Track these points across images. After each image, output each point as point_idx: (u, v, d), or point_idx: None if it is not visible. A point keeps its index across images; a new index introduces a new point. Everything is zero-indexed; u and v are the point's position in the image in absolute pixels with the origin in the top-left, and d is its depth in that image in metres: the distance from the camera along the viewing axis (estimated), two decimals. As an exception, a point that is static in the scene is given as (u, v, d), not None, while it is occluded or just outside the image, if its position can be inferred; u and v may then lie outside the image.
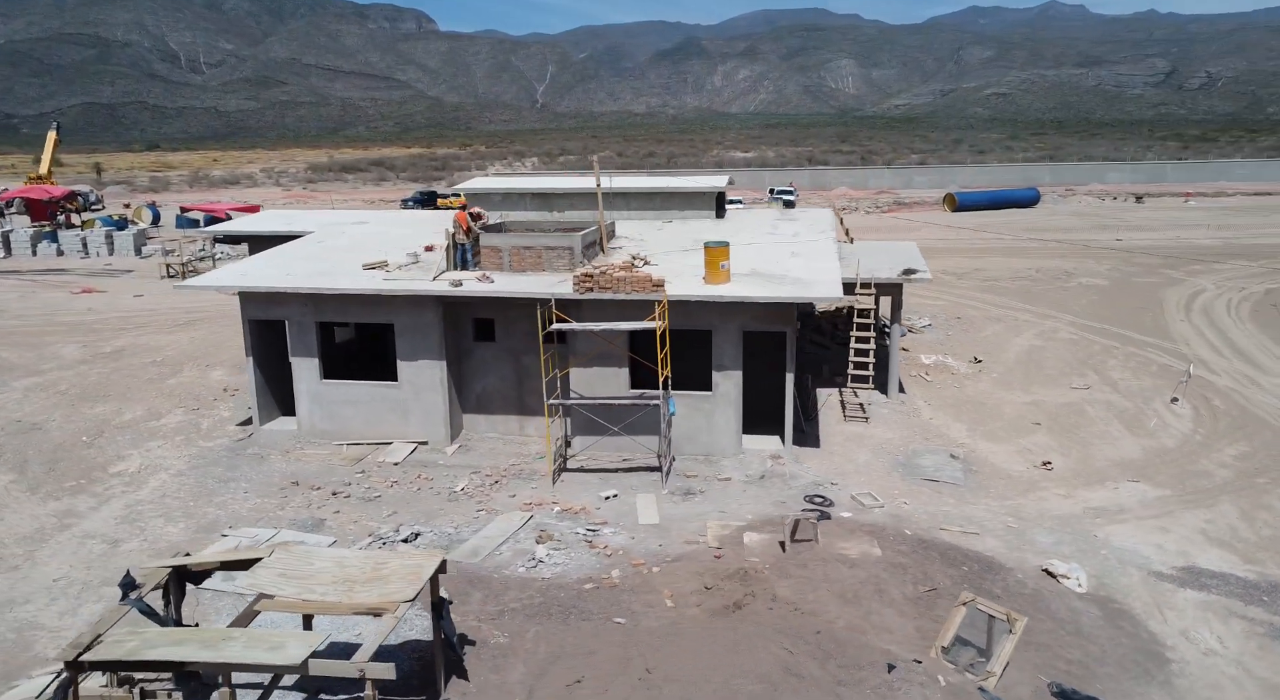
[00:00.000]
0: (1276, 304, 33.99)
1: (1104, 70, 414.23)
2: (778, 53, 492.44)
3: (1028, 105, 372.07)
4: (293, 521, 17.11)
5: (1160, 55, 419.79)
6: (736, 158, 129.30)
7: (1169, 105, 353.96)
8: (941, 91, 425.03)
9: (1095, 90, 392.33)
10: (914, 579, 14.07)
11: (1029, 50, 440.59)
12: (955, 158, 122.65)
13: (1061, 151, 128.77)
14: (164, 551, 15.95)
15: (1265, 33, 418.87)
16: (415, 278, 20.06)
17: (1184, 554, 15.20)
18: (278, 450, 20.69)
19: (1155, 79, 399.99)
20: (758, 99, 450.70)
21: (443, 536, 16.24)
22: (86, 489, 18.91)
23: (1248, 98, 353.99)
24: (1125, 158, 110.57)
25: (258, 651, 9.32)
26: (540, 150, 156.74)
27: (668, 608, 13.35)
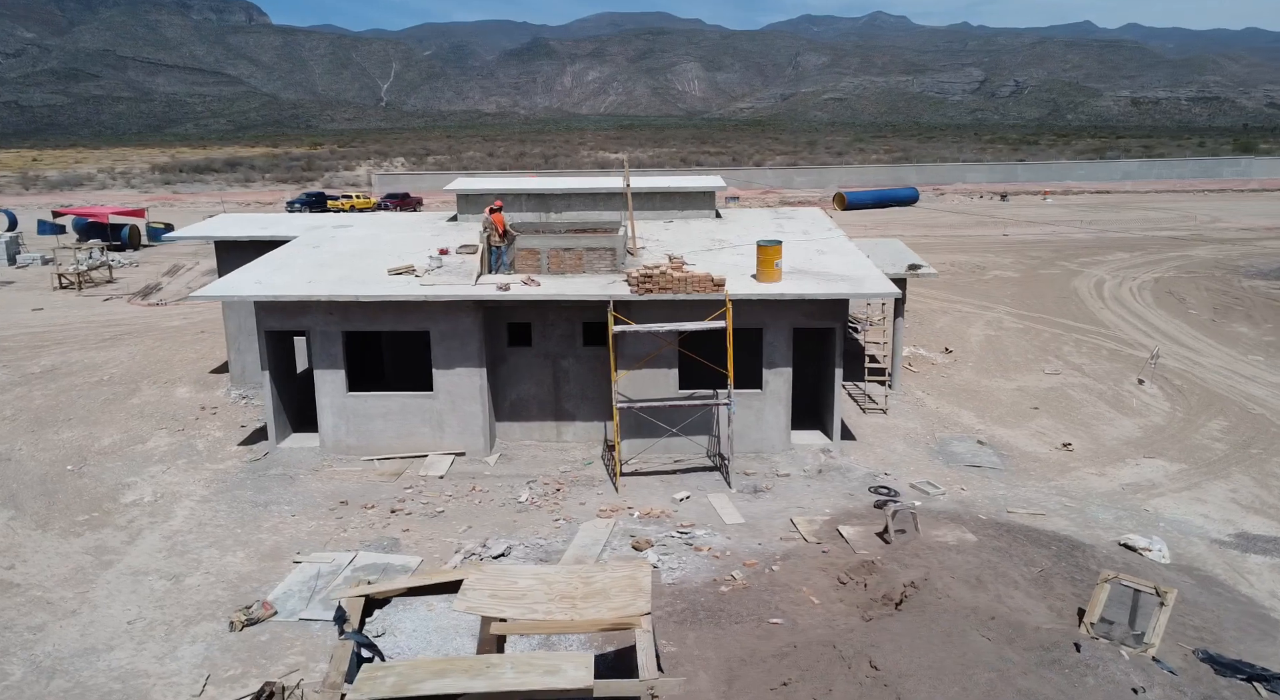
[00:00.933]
0: (1173, 291, 37.51)
1: (927, 77, 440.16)
2: (625, 55, 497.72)
3: (862, 109, 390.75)
4: (363, 543, 16.23)
5: (974, 65, 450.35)
6: (612, 159, 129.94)
7: (985, 111, 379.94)
8: (783, 95, 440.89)
9: (920, 96, 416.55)
10: (1019, 561, 14.87)
11: (860, 58, 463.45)
12: (820, 159, 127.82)
13: (913, 153, 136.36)
14: (237, 583, 14.87)
15: (1061, 46, 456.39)
16: (453, 282, 19.36)
17: (1230, 522, 16.74)
18: (304, 469, 19.51)
19: (971, 86, 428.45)
20: (608, 100, 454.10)
21: (535, 548, 15.84)
22: (106, 522, 17.26)
23: (1050, 105, 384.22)
24: (966, 158, 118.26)
25: (535, 676, 8.91)
26: (404, 150, 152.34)
27: (815, 604, 13.59)
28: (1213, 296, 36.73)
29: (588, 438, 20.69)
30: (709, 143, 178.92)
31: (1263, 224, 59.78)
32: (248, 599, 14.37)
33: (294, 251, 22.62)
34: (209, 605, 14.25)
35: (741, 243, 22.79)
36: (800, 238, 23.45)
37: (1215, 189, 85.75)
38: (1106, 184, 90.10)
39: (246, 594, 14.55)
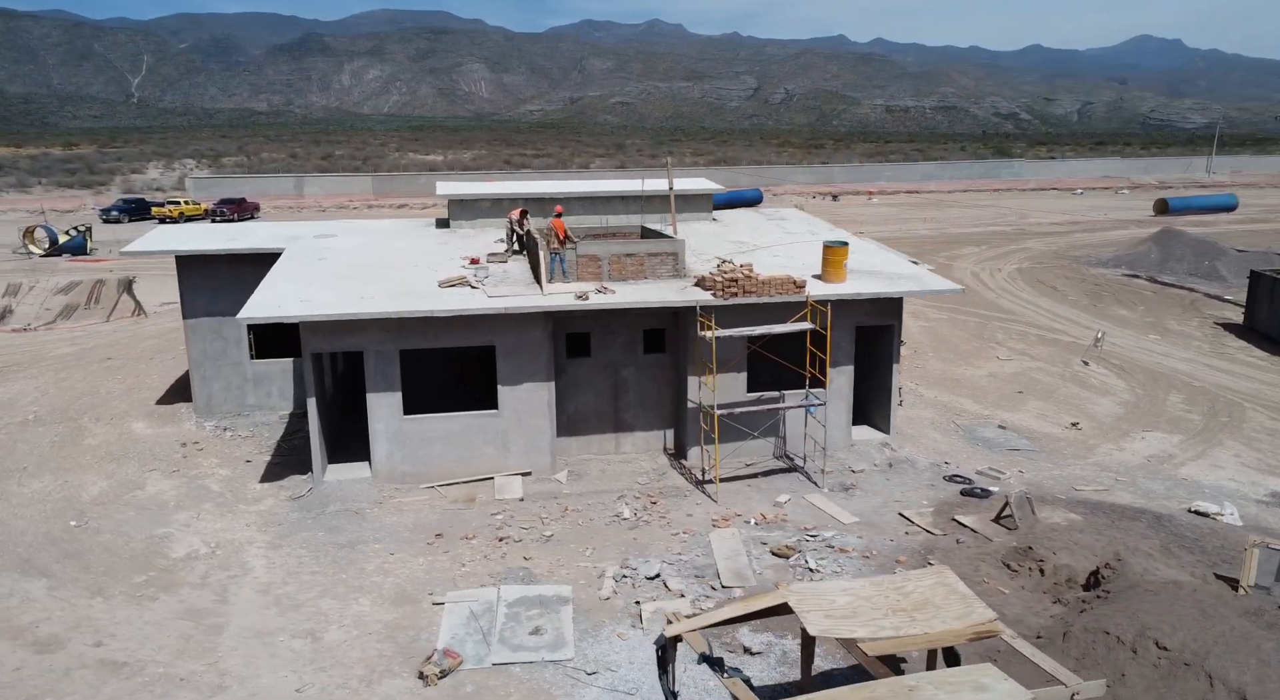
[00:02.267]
0: (1042, 280, 41.65)
1: (706, 84, 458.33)
2: (407, 54, 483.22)
3: (648, 113, 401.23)
4: (495, 576, 15.16)
5: (748, 73, 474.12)
6: (435, 161, 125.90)
7: (760, 116, 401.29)
8: (570, 98, 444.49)
9: (701, 101, 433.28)
10: (1133, 535, 16.21)
11: (643, 63, 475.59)
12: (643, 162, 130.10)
13: (732, 156, 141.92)
14: (388, 633, 13.55)
15: (822, 58, 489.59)
16: (520, 293, 18.41)
17: (1256, 483, 19.03)
18: (364, 502, 17.89)
19: (746, 93, 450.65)
20: (391, 100, 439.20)
21: (684, 565, 15.44)
22: (173, 581, 15.07)
23: (817, 111, 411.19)
24: (788, 161, 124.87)
25: (967, 694, 8.71)
26: (189, 151, 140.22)
27: (1005, 594, 14.18)
28: (1075, 284, 41.10)
29: (647, 448, 20.32)
30: (516, 145, 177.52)
31: (1065, 219, 67.40)
32: (416, 649, 13.10)
33: (298, 266, 20.61)
34: (377, 661, 12.86)
35: (760, 244, 23.16)
36: (811, 238, 24.11)
37: (1004, 188, 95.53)
38: (912, 184, 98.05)
39: (410, 644, 13.25)
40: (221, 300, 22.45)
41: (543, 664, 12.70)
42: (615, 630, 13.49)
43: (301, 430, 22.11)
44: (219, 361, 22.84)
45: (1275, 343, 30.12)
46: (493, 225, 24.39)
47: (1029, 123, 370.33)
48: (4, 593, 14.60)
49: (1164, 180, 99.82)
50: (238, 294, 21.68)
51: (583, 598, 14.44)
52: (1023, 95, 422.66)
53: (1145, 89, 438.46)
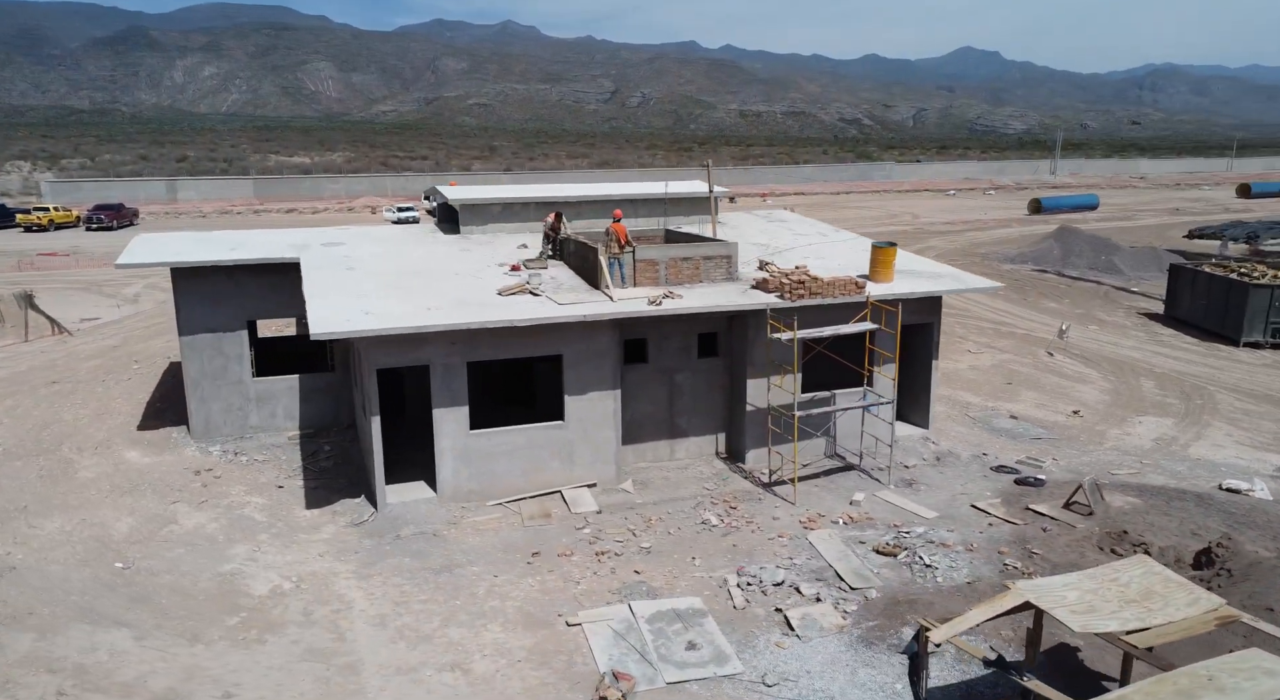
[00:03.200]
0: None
1: (564, 87, 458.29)
2: (246, 50, 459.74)
3: (507, 115, 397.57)
4: (616, 592, 14.73)
5: (604, 76, 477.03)
6: (304, 163, 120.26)
7: (618, 120, 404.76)
8: (425, 99, 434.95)
9: (559, 104, 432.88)
10: (1189, 514, 17.38)
11: (499, 64, 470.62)
12: (537, 165, 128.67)
13: (609, 159, 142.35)
14: (541, 659, 12.99)
15: (675, 63, 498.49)
16: (593, 299, 17.95)
17: (1260, 460, 20.75)
18: (436, 524, 17.00)
19: (604, 96, 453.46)
20: (230, 98, 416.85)
21: (800, 569, 15.43)
22: (270, 621, 13.87)
23: (673, 115, 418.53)
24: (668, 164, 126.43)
25: (1263, 681, 9.00)
26: (15, 152, 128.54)
27: (1112, 572, 14.90)
28: (995, 280, 43.54)
29: (700, 453, 20.21)
30: (381, 146, 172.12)
31: (953, 218, 71.42)
32: (577, 674, 12.57)
33: (334, 276, 19.34)
34: (543, 689, 12.27)
35: (779, 247, 23.44)
36: (821, 239, 24.57)
37: (881, 189, 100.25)
38: (797, 186, 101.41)
39: (568, 669, 12.70)
40: (221, 313, 20.87)
41: (716, 680, 12.44)
42: (770, 639, 13.36)
43: (323, 452, 20.80)
44: (218, 380, 21.16)
45: (1198, 329, 32.92)
46: (504, 230, 23.63)
47: (871, 127, 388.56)
48: (85, 647, 13.04)
49: (1019, 182, 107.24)
50: (238, 307, 20.28)
51: (716, 609, 14.23)
52: (864, 101, 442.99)
53: (971, 97, 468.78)
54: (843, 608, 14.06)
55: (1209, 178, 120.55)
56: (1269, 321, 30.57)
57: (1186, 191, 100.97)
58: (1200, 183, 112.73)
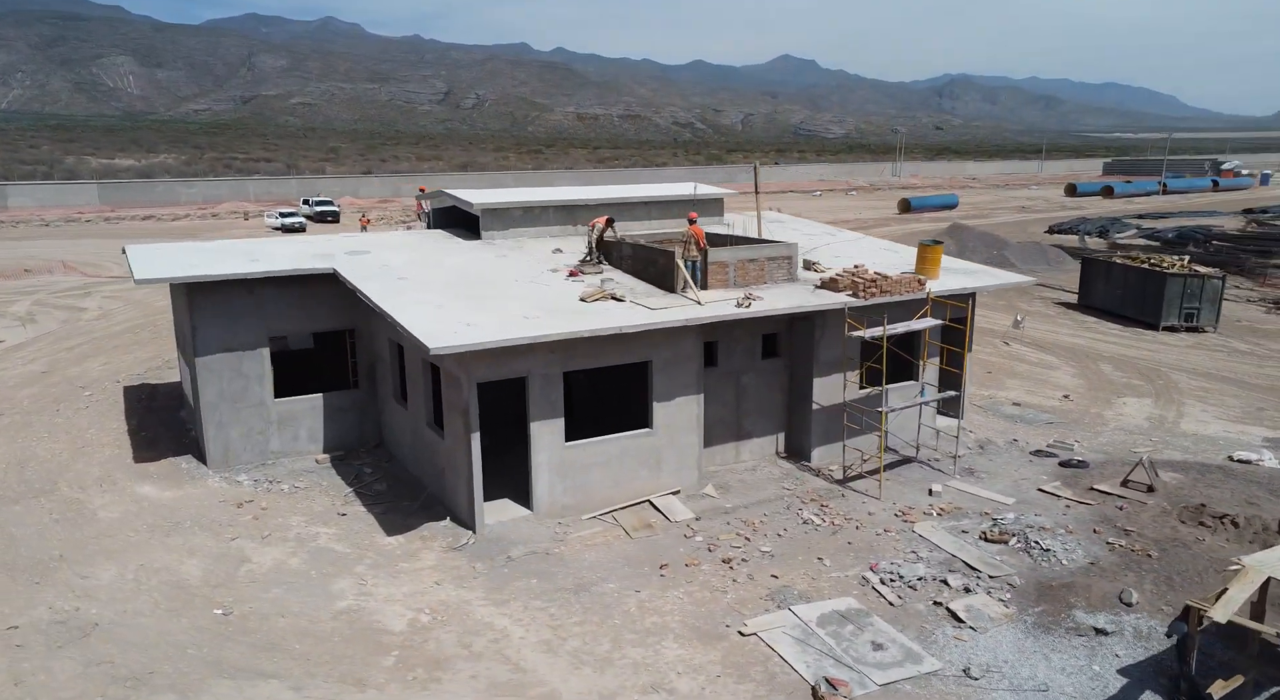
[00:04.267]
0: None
1: (394, 86, 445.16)
2: (29, 42, 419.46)
3: (334, 115, 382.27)
4: (764, 598, 14.57)
5: (436, 77, 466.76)
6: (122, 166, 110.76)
7: (453, 121, 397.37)
8: (242, 98, 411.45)
9: (390, 104, 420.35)
10: (1231, 484, 18.96)
11: (322, 62, 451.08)
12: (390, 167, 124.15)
13: (474, 162, 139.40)
14: (737, 672, 12.66)
15: (508, 64, 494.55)
16: (674, 304, 17.63)
17: (1245, 432, 22.90)
18: (543, 541, 16.27)
19: (437, 97, 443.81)
20: (12, 94, 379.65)
21: (930, 562, 15.73)
22: (436, 656, 12.88)
23: (509, 117, 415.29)
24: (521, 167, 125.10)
25: None
26: None
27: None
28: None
29: (761, 454, 20.25)
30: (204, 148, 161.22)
31: (833, 218, 74.41)
32: (783, 684, 12.39)
33: (396, 287, 18.10)
34: (762, 701, 12.02)
35: (805, 246, 23.83)
36: (830, 238, 25.13)
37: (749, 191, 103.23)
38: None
39: (771, 679, 12.49)
40: (241, 331, 19.13)
41: (923, 677, 12.55)
42: (946, 633, 13.60)
43: (365, 474, 19.44)
44: (238, 403, 19.35)
45: (1117, 316, 35.93)
46: (525, 235, 22.79)
47: (704, 131, 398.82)
48: (243, 704, 11.65)
49: (873, 183, 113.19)
50: (259, 323, 18.76)
51: (874, 607, 14.34)
52: (695, 106, 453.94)
53: (792, 103, 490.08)
54: (997, 597, 14.50)
55: (1029, 179, 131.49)
56: (1182, 307, 33.79)
57: (1017, 191, 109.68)
58: (1023, 183, 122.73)
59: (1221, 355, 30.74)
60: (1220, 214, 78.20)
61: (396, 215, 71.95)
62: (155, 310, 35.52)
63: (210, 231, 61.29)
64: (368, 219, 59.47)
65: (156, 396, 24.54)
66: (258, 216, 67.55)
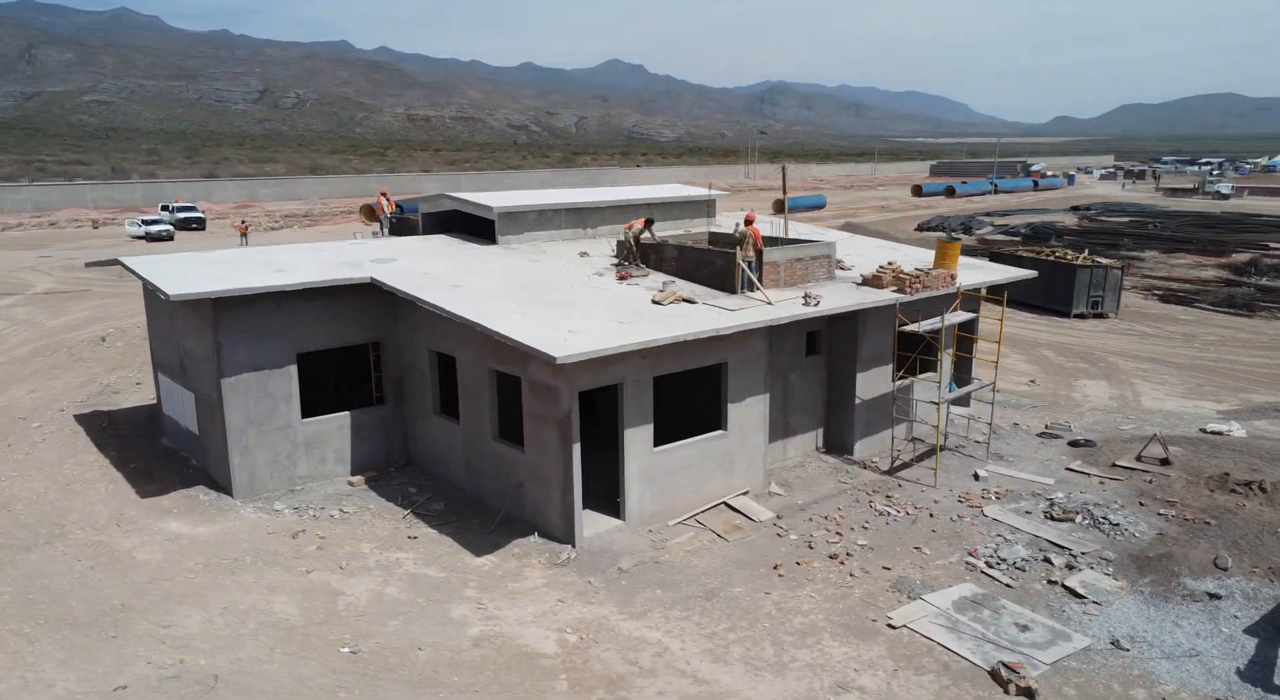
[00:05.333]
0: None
1: (203, 84, 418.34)
2: None
3: (135, 114, 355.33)
4: (890, 588, 14.84)
5: (250, 74, 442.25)
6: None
7: (272, 121, 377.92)
8: (24, 94, 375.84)
9: (200, 103, 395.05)
10: (1225, 454, 20.80)
11: (117, 57, 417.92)
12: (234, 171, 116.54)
13: (319, 164, 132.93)
14: (907, 666, 12.88)
15: (329, 63, 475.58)
16: (747, 305, 17.61)
17: (1199, 407, 25.19)
18: (644, 550, 15.89)
19: (253, 96, 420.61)
20: None
21: (1019, 541, 16.47)
22: (608, 682, 12.31)
23: (334, 118, 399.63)
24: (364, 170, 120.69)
25: None
26: None
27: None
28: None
29: (804, 450, 20.52)
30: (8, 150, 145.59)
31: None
32: (960, 672, 12.66)
33: (450, 295, 17.05)
34: (949, 692, 12.23)
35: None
36: (820, 236, 25.70)
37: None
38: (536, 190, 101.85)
39: (946, 670, 12.72)
40: (269, 349, 17.63)
41: (1083, 653, 13.09)
42: (1075, 609, 14.26)
43: (410, 494, 18.32)
44: (264, 426, 17.78)
45: (1027, 306, 38.65)
46: (539, 239, 22.08)
47: (539, 134, 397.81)
48: (448, 751, 10.74)
49: (734, 185, 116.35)
50: (286, 339, 17.47)
51: (996, 591, 14.83)
52: (528, 108, 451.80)
53: (624, 107, 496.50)
54: (1101, 571, 15.35)
55: (870, 180, 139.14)
56: (1089, 295, 36.80)
57: (866, 192, 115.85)
58: (867, 184, 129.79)
59: (1135, 339, 33.72)
60: (1052, 211, 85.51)
61: (264, 222, 67.68)
62: (49, 331, 31.97)
63: (59, 241, 55.68)
64: (246, 226, 55.70)
65: (120, 424, 22.09)
66: (109, 224, 61.82)
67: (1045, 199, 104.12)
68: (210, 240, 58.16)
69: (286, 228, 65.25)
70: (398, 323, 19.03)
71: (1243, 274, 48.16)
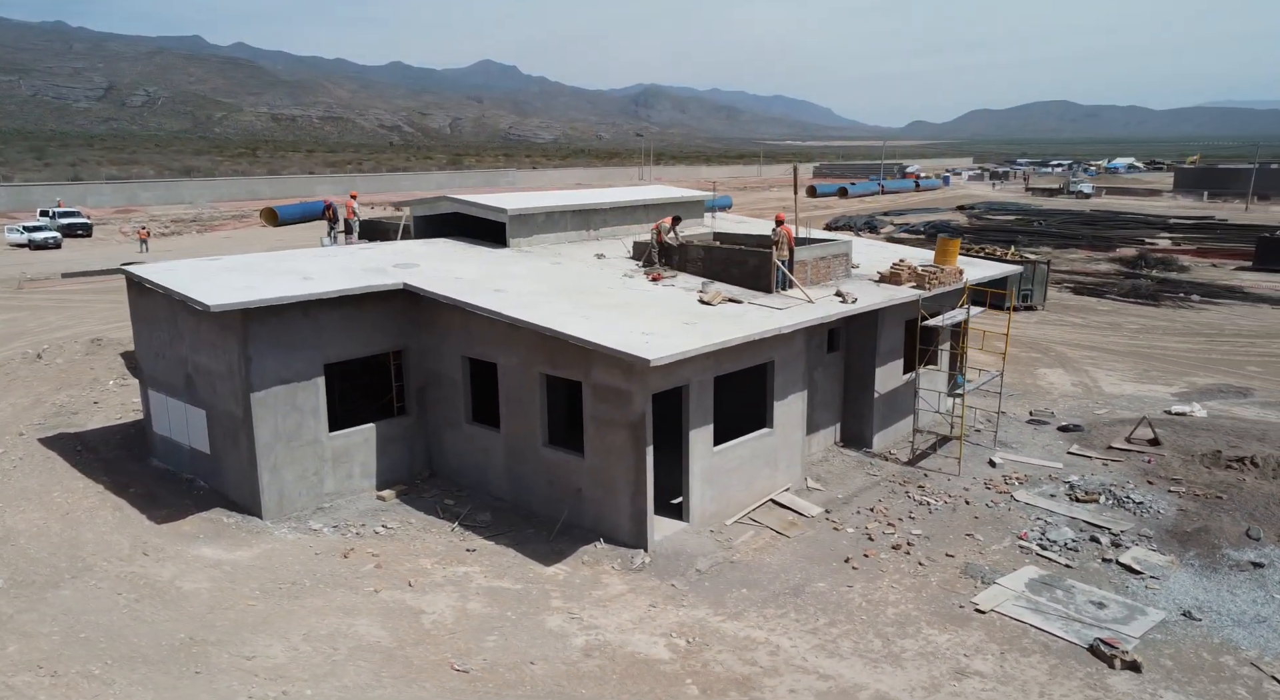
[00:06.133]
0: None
1: (38, 80, 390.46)
2: None
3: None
4: (960, 574, 15.29)
5: (91, 70, 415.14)
6: None
7: (119, 120, 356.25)
8: None
9: (36, 100, 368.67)
10: (1210, 435, 22.31)
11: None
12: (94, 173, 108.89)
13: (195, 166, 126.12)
14: (1012, 646, 13.33)
15: (181, 59, 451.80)
16: (797, 304, 17.77)
17: (1153, 390, 26.93)
18: (715, 550, 15.82)
19: (97, 93, 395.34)
20: None
21: (1058, 524, 17.24)
22: (738, 683, 12.22)
23: (189, 117, 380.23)
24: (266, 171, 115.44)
25: None
26: None
27: (1245, 482, 18.93)
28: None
29: (824, 444, 20.84)
30: None
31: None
32: (1066, 652, 13.17)
33: (505, 300, 16.51)
34: (1058, 670, 12.70)
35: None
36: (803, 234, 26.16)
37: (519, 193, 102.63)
38: (433, 191, 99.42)
39: (1049, 649, 13.21)
40: (297, 361, 16.72)
41: (1163, 625, 13.79)
42: (1138, 584, 15.03)
43: (447, 505, 17.65)
44: (293, 442, 16.80)
45: (961, 302, 40.43)
46: (545, 241, 21.62)
47: (412, 135, 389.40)
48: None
49: (632, 185, 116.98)
50: (314, 350, 16.74)
51: (1059, 571, 15.47)
52: (400, 108, 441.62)
53: (499, 108, 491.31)
54: (1147, 547, 16.23)
55: (761, 181, 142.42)
56: (1020, 289, 38.79)
57: (762, 193, 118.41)
58: (760, 185, 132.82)
59: (1069, 329, 35.79)
60: (941, 210, 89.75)
61: (152, 227, 63.60)
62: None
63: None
64: (146, 232, 52.28)
65: (96, 446, 20.37)
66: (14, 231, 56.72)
67: (930, 199, 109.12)
68: (101, 248, 54.33)
69: (183, 233, 61.54)
70: (422, 330, 18.28)
71: (1135, 267, 51.80)
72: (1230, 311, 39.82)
